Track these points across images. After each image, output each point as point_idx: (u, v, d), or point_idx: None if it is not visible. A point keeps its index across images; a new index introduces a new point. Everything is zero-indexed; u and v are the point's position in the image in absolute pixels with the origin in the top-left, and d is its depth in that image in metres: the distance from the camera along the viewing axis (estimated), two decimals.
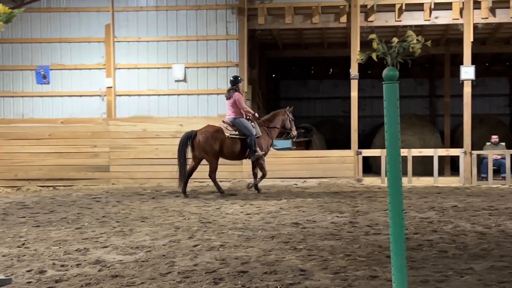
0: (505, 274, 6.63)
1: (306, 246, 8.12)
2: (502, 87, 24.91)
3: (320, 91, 25.94)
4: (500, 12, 16.87)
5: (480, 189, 15.67)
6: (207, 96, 17.61)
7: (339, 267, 6.97)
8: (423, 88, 25.35)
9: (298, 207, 12.04)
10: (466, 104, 16.96)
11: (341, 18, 17.37)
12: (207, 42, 17.61)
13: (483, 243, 8.29)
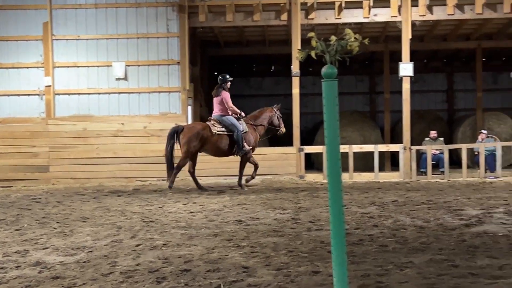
0: (444, 267, 6.77)
1: (249, 243, 8.14)
2: (440, 83, 25.39)
3: (262, 88, 26.02)
4: (437, 10, 17.20)
5: (420, 183, 15.95)
6: (149, 95, 17.50)
7: (281, 263, 7.00)
8: (363, 84, 25.66)
9: (241, 205, 12.06)
10: (405, 100, 17.25)
11: (282, 15, 17.46)
12: (147, 40, 17.48)
13: (422, 237, 8.44)
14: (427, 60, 24.68)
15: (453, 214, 10.43)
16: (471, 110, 23.76)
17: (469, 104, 24.69)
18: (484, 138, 17.92)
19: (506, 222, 9.56)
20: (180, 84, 17.42)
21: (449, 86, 25.32)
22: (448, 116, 25.08)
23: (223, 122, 14.74)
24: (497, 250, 7.52)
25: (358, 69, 25.14)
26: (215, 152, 14.94)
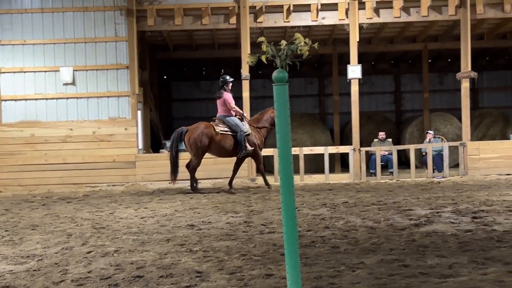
0: (394, 267, 6.86)
1: (202, 248, 8.13)
2: (388, 84, 25.72)
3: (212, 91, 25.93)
4: (384, 12, 17.43)
5: (369, 184, 16.14)
6: (97, 99, 17.32)
7: (235, 267, 7.01)
8: (313, 87, 25.84)
9: (193, 209, 12.03)
10: (354, 102, 17.43)
11: (230, 19, 17.48)
12: (95, 44, 17.31)
13: (373, 238, 8.54)
14: (375, 62, 24.99)
15: (403, 214, 10.58)
16: (419, 111, 24.14)
17: (416, 105, 25.08)
18: (431, 138, 18.21)
19: (454, 221, 9.74)
20: (129, 89, 17.29)
21: (397, 88, 25.68)
22: (396, 117, 25.43)
23: (226, 122, 14.96)
24: (446, 249, 7.66)
25: (308, 71, 25.31)
26: (219, 152, 15.14)
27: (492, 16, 17.87)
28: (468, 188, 14.25)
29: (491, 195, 12.66)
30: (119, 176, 17.00)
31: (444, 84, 25.22)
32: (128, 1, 17.23)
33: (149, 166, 17.22)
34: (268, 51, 4.60)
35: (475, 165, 17.12)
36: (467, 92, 17.39)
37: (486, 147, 17.38)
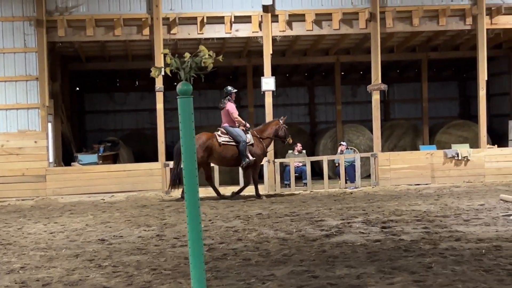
0: (304, 278, 6.91)
1: (112, 263, 7.99)
2: (302, 96, 25.99)
3: (126, 103, 25.64)
4: (297, 25, 17.63)
5: (283, 195, 16.24)
6: (6, 112, 16.83)
7: (144, 282, 6.91)
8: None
9: (104, 223, 11.81)
10: (268, 114, 17.54)
11: (143, 30, 17.32)
12: (3, 55, 16.81)
13: (284, 249, 8.59)
14: (289, 74, 25.23)
15: (315, 225, 10.69)
16: (332, 122, 24.48)
17: (329, 116, 25.44)
18: (344, 149, 18.51)
19: (364, 231, 9.90)
20: (39, 101, 16.87)
21: (311, 100, 25.97)
22: (311, 129, 25.72)
23: (229, 132, 15.27)
24: (355, 260, 7.77)
25: (223, 83, 25.27)
26: (221, 161, 15.61)
27: (401, 30, 18.33)
28: (379, 198, 14.53)
29: (401, 205, 12.95)
30: (28, 190, 16.55)
31: (356, 96, 25.66)
32: (38, 12, 16.83)
33: (60, 179, 16.83)
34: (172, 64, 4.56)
35: (386, 175, 17.47)
36: (377, 104, 17.76)
37: (397, 158, 17.78)
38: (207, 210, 13.00)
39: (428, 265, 7.33)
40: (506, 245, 8.39)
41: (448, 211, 11.85)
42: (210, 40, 17.51)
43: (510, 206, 12.09)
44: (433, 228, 9.90)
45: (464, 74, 25.72)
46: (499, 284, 6.43)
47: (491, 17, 17.68)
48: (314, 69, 24.99)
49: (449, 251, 8.11)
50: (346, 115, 24.17)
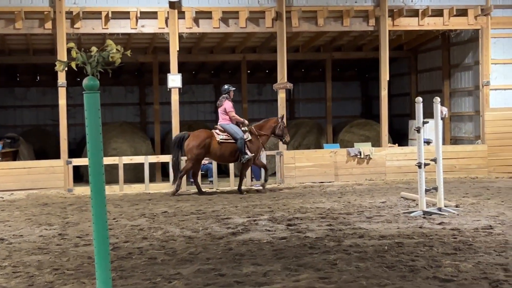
0: (211, 276, 6.88)
1: (11, 263, 7.72)
2: (209, 94, 25.92)
3: (27, 99, 24.87)
4: (204, 23, 17.55)
5: (189, 193, 16.15)
6: None
7: (46, 282, 6.72)
8: (133, 95, 25.48)
9: (3, 222, 11.41)
10: (174, 111, 17.40)
11: (46, 24, 16.82)
12: None
13: (190, 247, 8.54)
14: (195, 71, 25.12)
15: (221, 223, 10.68)
16: None
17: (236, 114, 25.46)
18: None
19: (270, 229, 9.96)
20: None
21: (217, 97, 25.76)
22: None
23: (226, 130, 15.58)
24: (262, 257, 7.80)
25: (128, 80, 24.94)
26: (219, 158, 16.01)
27: (307, 30, 18.55)
28: (284, 196, 14.67)
29: (305, 203, 13.11)
30: None
31: (262, 94, 25.82)
32: None
33: None
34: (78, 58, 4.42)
35: (291, 173, 17.65)
36: (283, 103, 17.92)
37: (301, 156, 17.99)
38: (111, 209, 12.78)
39: (333, 262, 7.44)
40: (407, 241, 8.62)
41: (351, 208, 12.08)
42: (115, 36, 17.17)
43: (410, 203, 12.43)
44: (337, 225, 10.07)
45: (366, 75, 26.29)
46: (401, 280, 6.59)
47: (393, 19, 18.12)
48: (220, 67, 24.98)
49: (353, 248, 8.26)
50: (252, 113, 24.25)
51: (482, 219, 10.42)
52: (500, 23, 18.40)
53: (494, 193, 13.88)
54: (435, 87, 21.47)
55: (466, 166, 18.18)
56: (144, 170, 17.21)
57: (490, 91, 18.42)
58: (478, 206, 11.92)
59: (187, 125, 23.02)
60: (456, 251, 7.91)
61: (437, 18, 18.16)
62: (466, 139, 19.96)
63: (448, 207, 11.47)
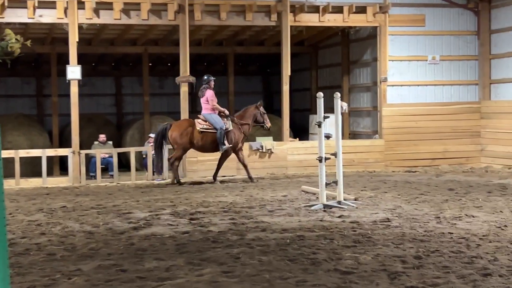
0: (112, 272, 6.76)
1: None
2: (109, 87, 25.49)
3: None
4: (104, 14, 17.20)
5: (89, 188, 15.86)
6: None
7: None
8: (30, 87, 24.75)
9: None
10: (73, 103, 17.01)
11: None
12: None
13: (91, 243, 8.37)
14: (95, 63, 24.63)
15: (122, 217, 10.52)
16: (139, 114, 24.22)
17: (137, 108, 25.13)
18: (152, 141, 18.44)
19: (172, 223, 9.89)
20: None
21: (118, 90, 25.52)
22: (117, 120, 25.28)
23: (208, 119, 15.71)
24: (164, 252, 7.73)
25: (24, 71, 24.17)
26: (201, 148, 16.09)
27: (209, 23, 18.50)
28: (186, 190, 14.59)
29: (208, 197, 13.08)
30: None
31: (164, 87, 25.60)
32: None
33: None
34: None
35: (193, 167, 17.57)
36: (186, 96, 17.82)
37: None
38: (7, 203, 12.33)
39: (236, 255, 7.45)
40: (309, 234, 8.74)
41: (254, 202, 12.15)
42: (12, 25, 16.59)
43: (311, 197, 12.62)
44: (240, 219, 10.10)
45: (268, 69, 26.52)
46: (303, 272, 6.67)
47: (295, 14, 18.32)
48: (121, 59, 24.61)
49: (256, 241, 8.31)
50: (154, 106, 24.02)
51: (380, 212, 10.69)
52: (397, 21, 18.93)
53: (391, 186, 14.27)
54: (335, 83, 21.90)
55: (364, 160, 18.62)
56: (41, 164, 16.76)
57: (388, 87, 18.93)
58: (376, 199, 12.22)
59: (86, 118, 22.60)
60: (356, 244, 8.08)
61: (337, 14, 18.49)
62: (364, 133, 20.47)
63: (348, 200, 11.72)
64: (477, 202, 11.54)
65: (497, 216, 10.04)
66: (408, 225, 9.36)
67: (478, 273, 6.52)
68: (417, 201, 11.89)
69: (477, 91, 19.52)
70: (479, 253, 7.42)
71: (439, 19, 19.27)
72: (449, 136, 19.07)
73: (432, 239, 8.30)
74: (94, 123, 22.99)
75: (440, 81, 19.35)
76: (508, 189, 13.41)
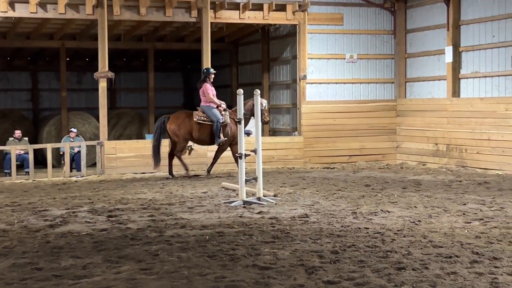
0: (27, 270, 6.63)
1: None
2: (25, 81, 24.86)
3: None
4: (20, 7, 16.77)
5: (4, 185, 15.46)
6: None
7: None
8: None
9: None
10: None
11: None
12: None
13: (5, 241, 8.18)
14: (10, 57, 23.99)
15: (38, 215, 10.31)
16: (57, 109, 23.73)
17: (54, 103, 24.59)
18: (74, 136, 18.18)
19: (90, 220, 9.76)
20: None
21: (34, 85, 24.93)
22: (34, 116, 24.71)
23: (205, 112, 15.76)
24: (81, 250, 7.63)
25: None
26: (197, 140, 16.11)
27: (129, 18, 18.27)
28: (105, 187, 14.40)
29: (127, 194, 12.95)
30: None
31: (82, 83, 25.15)
32: None
33: None
34: None
35: (112, 164, 17.34)
36: (104, 92, 17.55)
37: (123, 146, 17.74)
38: None
39: (155, 252, 7.42)
40: (228, 231, 8.77)
41: (173, 199, 12.10)
42: None
43: (231, 193, 12.65)
44: (159, 216, 10.05)
45: (189, 65, 26.42)
46: (222, 269, 6.70)
47: (215, 11, 18.28)
48: (38, 53, 24.04)
49: (175, 238, 8.28)
50: (72, 102, 23.60)
51: (298, 208, 10.82)
52: (316, 19, 19.16)
53: (310, 182, 14.45)
54: (255, 80, 22.02)
55: (284, 157, 18.80)
56: None
57: (307, 85, 19.15)
58: (295, 195, 12.35)
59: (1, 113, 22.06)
60: (275, 239, 8.15)
61: (258, 12, 18.57)
62: (284, 130, 20.66)
63: (267, 196, 11.81)
64: (393, 198, 11.82)
65: (411, 211, 10.31)
66: (326, 221, 9.51)
67: (393, 267, 6.69)
68: (334, 197, 12.09)
69: (393, 89, 19.98)
70: (393, 248, 7.61)
71: (356, 18, 19.62)
72: (366, 133, 19.44)
73: (349, 234, 8.47)
74: (9, 118, 22.43)
75: (358, 79, 19.71)
76: (422, 185, 13.78)
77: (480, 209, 10.43)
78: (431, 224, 9.23)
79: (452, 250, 7.47)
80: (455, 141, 17.71)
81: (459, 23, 17.86)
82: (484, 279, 6.25)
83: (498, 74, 16.91)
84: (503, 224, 9.11)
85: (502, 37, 16.75)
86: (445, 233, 8.49)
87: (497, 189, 12.90)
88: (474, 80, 17.70)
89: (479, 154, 16.97)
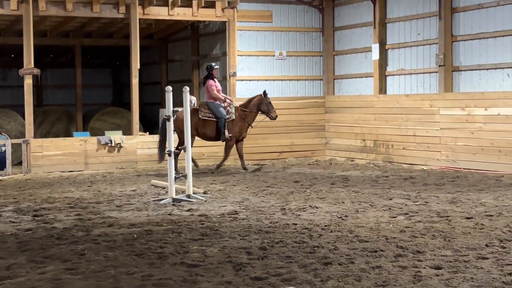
0: None
1: None
2: None
3: None
4: None
5: None
6: None
7: None
8: None
9: None
10: None
11: None
12: None
13: None
14: None
15: None
16: None
17: None
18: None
19: (15, 220, 9.57)
20: None
21: None
22: None
23: (210, 108, 15.72)
24: (5, 250, 7.48)
25: None
26: (203, 136, 16.09)
27: (55, 14, 17.90)
28: (31, 186, 14.11)
29: (54, 192, 12.74)
30: None
31: (7, 80, 24.60)
32: None
33: None
34: None
35: (38, 162, 17.00)
36: (30, 89, 17.19)
37: (50, 145, 17.41)
38: None
39: (81, 252, 7.33)
40: (156, 229, 8.73)
41: (101, 197, 11.96)
42: None
43: (160, 191, 12.59)
44: (86, 215, 9.93)
45: (117, 62, 26.12)
46: (150, 267, 6.66)
47: (144, 7, 18.10)
48: None
49: (102, 237, 8.20)
50: None
51: (228, 205, 10.84)
52: (245, 16, 19.20)
53: (240, 179, 14.50)
54: (185, 77, 21.92)
55: (214, 154, 18.75)
56: None
57: (237, 82, 19.18)
58: (224, 192, 12.38)
59: None
60: (203, 237, 8.16)
61: (187, 8, 18.48)
62: None
63: (197, 194, 11.79)
64: (321, 194, 11.97)
65: (339, 207, 10.47)
66: (255, 217, 9.56)
67: (319, 262, 6.78)
68: (264, 193, 12.16)
69: (321, 86, 20.21)
70: (320, 243, 7.71)
71: (285, 15, 19.75)
72: (296, 129, 19.60)
73: (277, 230, 8.53)
74: None
75: (287, 76, 19.85)
76: (350, 181, 14.00)
77: (405, 204, 10.67)
78: (358, 219, 9.39)
79: (378, 244, 7.62)
80: (382, 137, 18.03)
81: (385, 21, 18.22)
82: (407, 272, 6.40)
83: (423, 71, 17.32)
84: (427, 218, 9.34)
85: (426, 35, 17.15)
86: (371, 228, 8.65)
87: (422, 184, 13.20)
88: (400, 77, 18.08)
89: (405, 150, 17.33)
